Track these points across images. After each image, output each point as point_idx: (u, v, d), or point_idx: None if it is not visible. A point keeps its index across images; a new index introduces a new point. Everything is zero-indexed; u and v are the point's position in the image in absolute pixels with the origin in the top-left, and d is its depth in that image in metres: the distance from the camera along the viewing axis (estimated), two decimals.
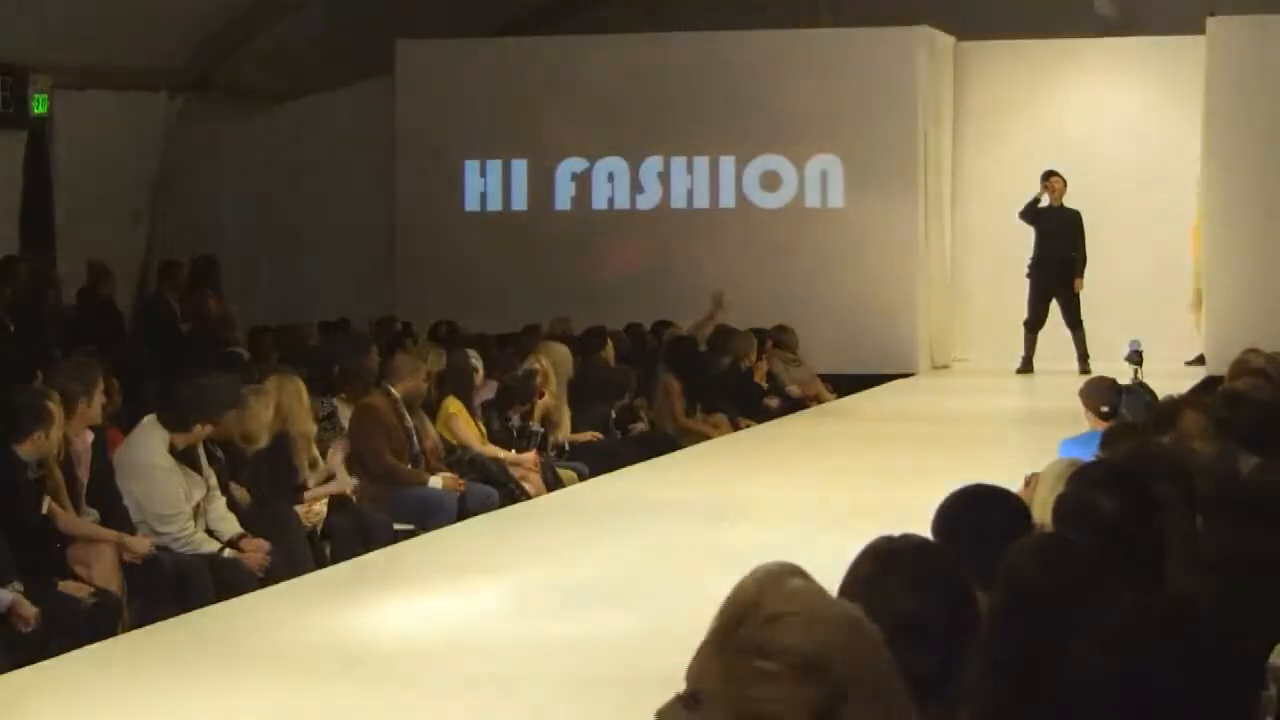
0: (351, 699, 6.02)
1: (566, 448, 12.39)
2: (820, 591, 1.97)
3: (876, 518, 6.72)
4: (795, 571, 1.99)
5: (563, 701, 5.98)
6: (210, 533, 8.52)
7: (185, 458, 8.47)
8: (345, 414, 10.78)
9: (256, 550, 8.51)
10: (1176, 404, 6.54)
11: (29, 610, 7.04)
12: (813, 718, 1.89)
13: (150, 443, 8.36)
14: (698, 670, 1.97)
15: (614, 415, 13.28)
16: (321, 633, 6.97)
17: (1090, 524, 3.93)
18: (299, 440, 9.61)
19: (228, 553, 8.44)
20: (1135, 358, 16.56)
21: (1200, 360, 16.59)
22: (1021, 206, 17.21)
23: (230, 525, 8.61)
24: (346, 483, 9.91)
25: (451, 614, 7.25)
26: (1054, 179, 17.10)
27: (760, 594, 1.94)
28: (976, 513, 4.06)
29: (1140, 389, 9.91)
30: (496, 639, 6.81)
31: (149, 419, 8.52)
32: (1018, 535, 4.03)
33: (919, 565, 3.05)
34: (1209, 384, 12.64)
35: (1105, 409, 8.44)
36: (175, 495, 8.31)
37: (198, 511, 8.49)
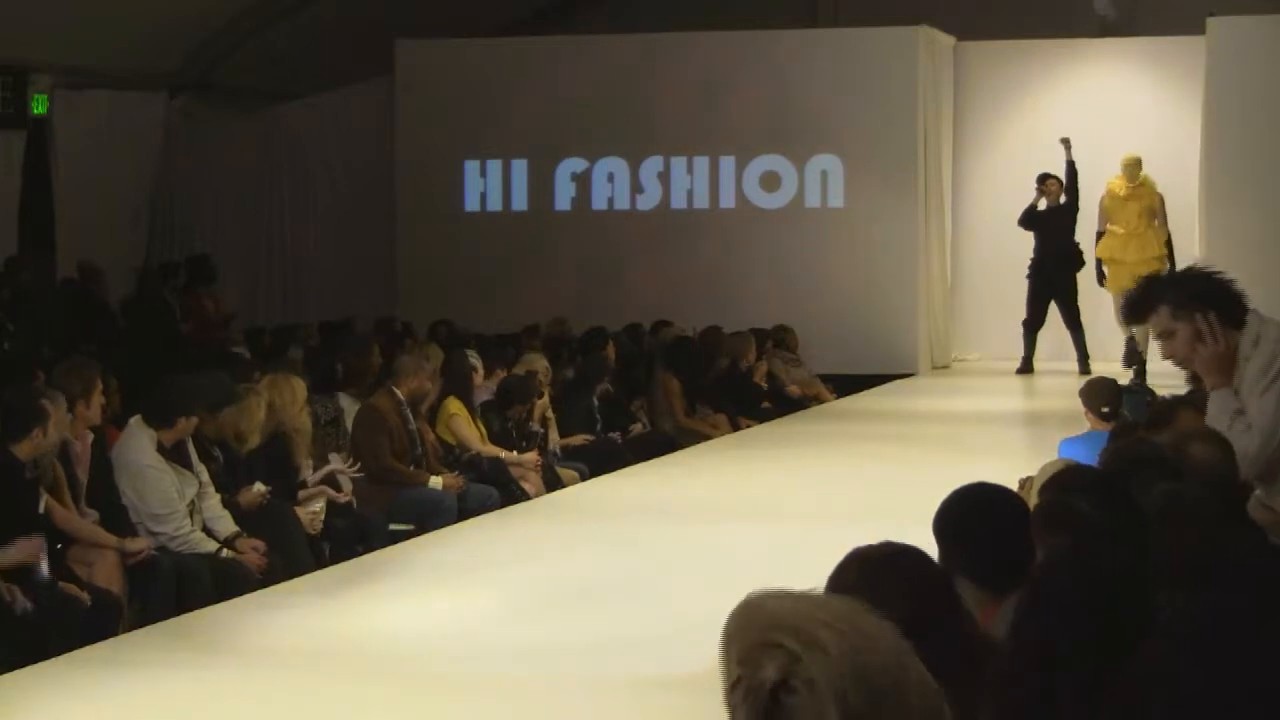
0: (351, 699, 6.02)
1: (558, 453, 12.36)
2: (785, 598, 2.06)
3: (877, 518, 6.72)
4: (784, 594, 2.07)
5: (563, 702, 5.98)
6: (206, 531, 8.52)
7: (176, 455, 8.46)
8: (351, 415, 10.77)
9: (253, 550, 8.50)
10: (1172, 404, 6.52)
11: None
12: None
13: (139, 443, 8.35)
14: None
15: (597, 403, 13.25)
16: (321, 633, 6.98)
17: (1071, 530, 3.92)
18: (295, 438, 9.59)
19: (224, 553, 8.43)
20: (1135, 356, 16.55)
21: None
22: (1019, 213, 17.16)
23: (225, 524, 8.60)
24: (344, 489, 9.89)
25: (451, 614, 7.25)
26: (1049, 181, 17.09)
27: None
28: (979, 511, 4.06)
29: (1140, 389, 9.89)
30: (496, 639, 6.80)
31: (135, 420, 8.52)
32: (1020, 534, 4.03)
33: (902, 571, 3.05)
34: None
35: (1105, 409, 8.44)
36: (168, 494, 8.30)
37: (193, 510, 8.48)
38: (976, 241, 19.06)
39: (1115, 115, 18.39)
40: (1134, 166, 16.76)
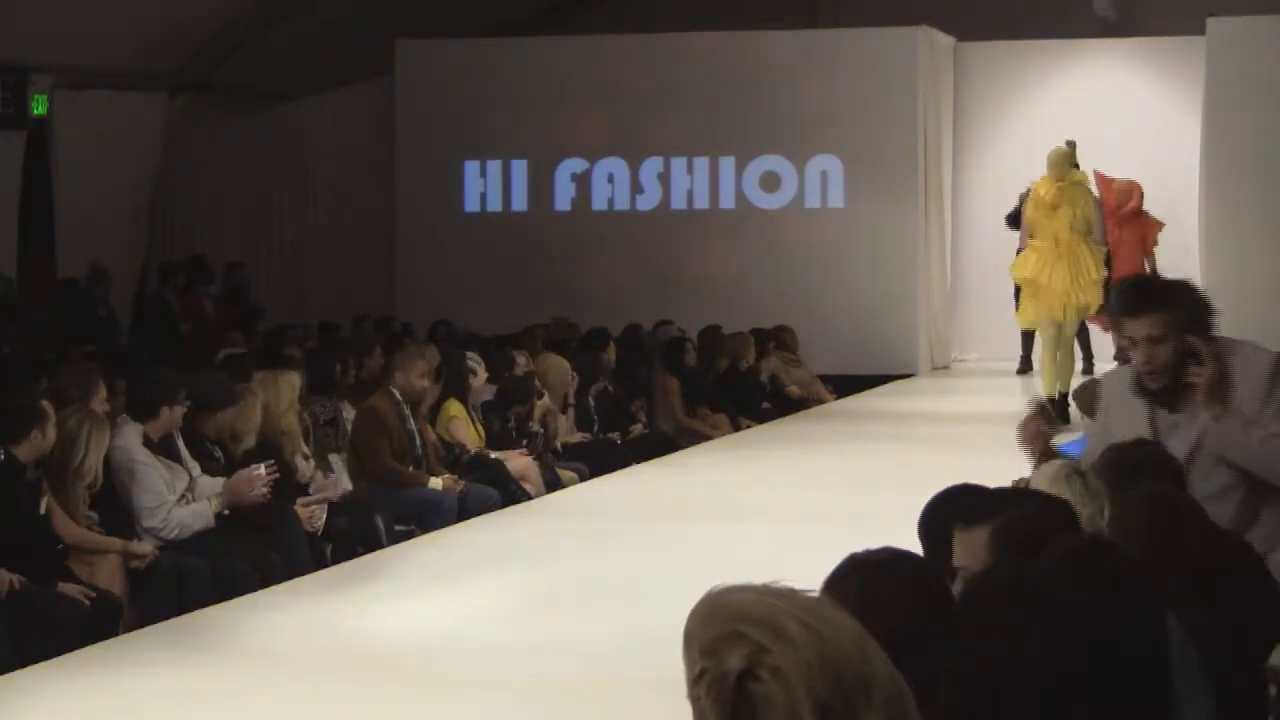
0: (351, 699, 6.02)
1: (559, 449, 12.35)
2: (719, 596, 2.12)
3: (876, 518, 6.73)
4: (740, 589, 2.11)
5: (563, 702, 5.98)
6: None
7: (164, 450, 8.47)
8: (349, 415, 10.76)
9: (251, 481, 8.49)
10: None
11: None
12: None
13: (126, 438, 8.37)
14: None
15: (593, 403, 13.25)
16: (321, 633, 6.98)
17: None
18: (282, 440, 9.57)
19: (213, 503, 8.40)
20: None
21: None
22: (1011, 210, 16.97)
23: (218, 485, 8.61)
24: (339, 489, 9.88)
25: (451, 614, 7.25)
26: None
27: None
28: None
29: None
30: (496, 639, 6.81)
31: (122, 416, 8.54)
32: None
33: (903, 577, 3.06)
34: None
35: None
36: (156, 487, 8.30)
37: (185, 504, 8.49)
38: (976, 241, 19.05)
39: (1115, 115, 18.38)
40: (1062, 162, 13.39)
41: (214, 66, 18.85)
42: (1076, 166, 14.26)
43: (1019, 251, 13.50)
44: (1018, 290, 13.57)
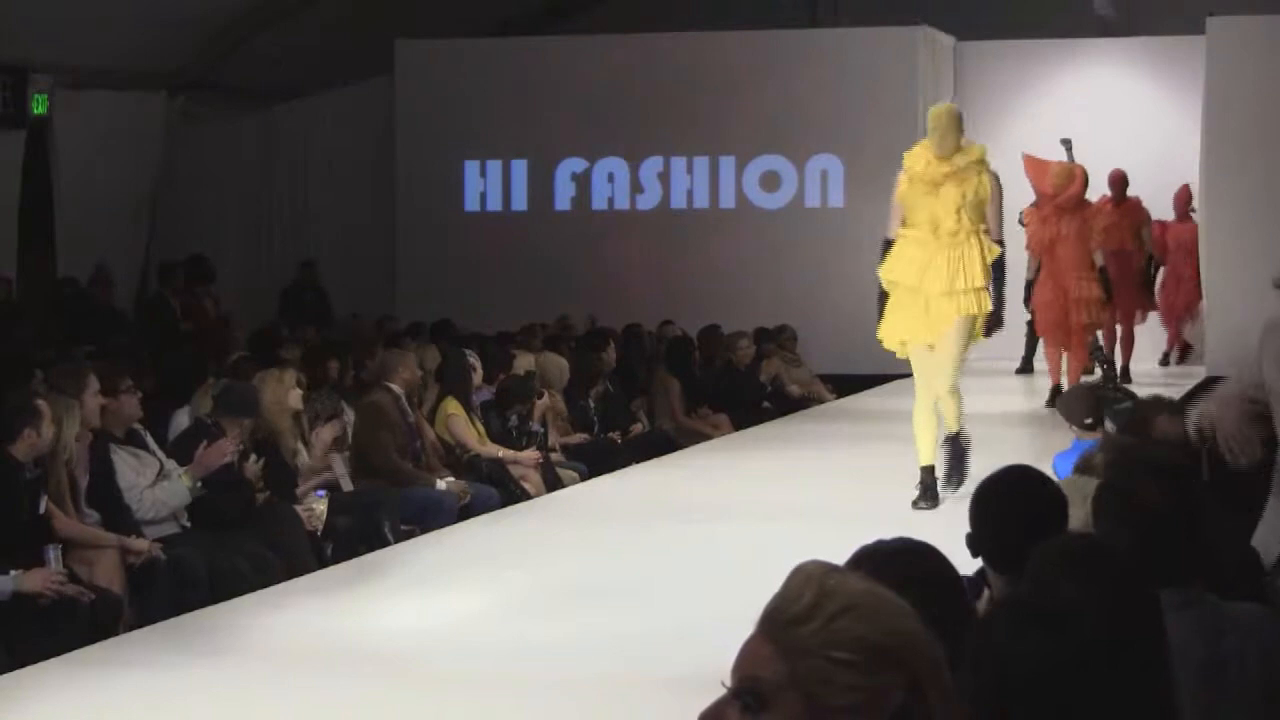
0: (351, 699, 6.02)
1: (557, 449, 12.35)
2: (871, 584, 1.99)
3: (876, 518, 6.73)
4: (838, 568, 2.02)
5: (563, 701, 5.98)
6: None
7: (130, 440, 8.51)
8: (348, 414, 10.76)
9: (220, 448, 8.52)
10: (1149, 409, 6.46)
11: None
12: (890, 704, 1.92)
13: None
14: (754, 669, 1.95)
15: (593, 405, 13.26)
16: (321, 633, 6.98)
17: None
18: (279, 437, 9.57)
19: (186, 477, 8.43)
20: (1099, 353, 16.49)
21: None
22: (1018, 215, 16.54)
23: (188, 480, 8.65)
24: (341, 475, 9.89)
25: (451, 614, 7.26)
26: None
27: (817, 592, 1.96)
28: (1012, 495, 4.04)
29: (1118, 394, 9.08)
30: (496, 639, 6.81)
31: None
32: (1051, 521, 4.00)
33: (916, 563, 3.05)
34: (1206, 385, 12.57)
35: (1089, 420, 8.17)
36: (122, 470, 8.32)
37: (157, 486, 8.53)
38: None
39: (1115, 115, 18.39)
40: (950, 128, 9.70)
41: (214, 66, 18.84)
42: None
43: (885, 245, 10.10)
44: (882, 297, 9.98)
